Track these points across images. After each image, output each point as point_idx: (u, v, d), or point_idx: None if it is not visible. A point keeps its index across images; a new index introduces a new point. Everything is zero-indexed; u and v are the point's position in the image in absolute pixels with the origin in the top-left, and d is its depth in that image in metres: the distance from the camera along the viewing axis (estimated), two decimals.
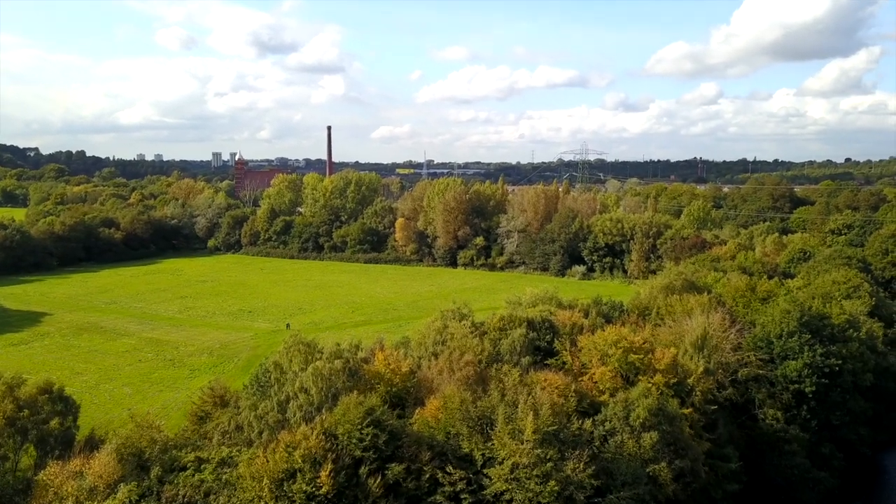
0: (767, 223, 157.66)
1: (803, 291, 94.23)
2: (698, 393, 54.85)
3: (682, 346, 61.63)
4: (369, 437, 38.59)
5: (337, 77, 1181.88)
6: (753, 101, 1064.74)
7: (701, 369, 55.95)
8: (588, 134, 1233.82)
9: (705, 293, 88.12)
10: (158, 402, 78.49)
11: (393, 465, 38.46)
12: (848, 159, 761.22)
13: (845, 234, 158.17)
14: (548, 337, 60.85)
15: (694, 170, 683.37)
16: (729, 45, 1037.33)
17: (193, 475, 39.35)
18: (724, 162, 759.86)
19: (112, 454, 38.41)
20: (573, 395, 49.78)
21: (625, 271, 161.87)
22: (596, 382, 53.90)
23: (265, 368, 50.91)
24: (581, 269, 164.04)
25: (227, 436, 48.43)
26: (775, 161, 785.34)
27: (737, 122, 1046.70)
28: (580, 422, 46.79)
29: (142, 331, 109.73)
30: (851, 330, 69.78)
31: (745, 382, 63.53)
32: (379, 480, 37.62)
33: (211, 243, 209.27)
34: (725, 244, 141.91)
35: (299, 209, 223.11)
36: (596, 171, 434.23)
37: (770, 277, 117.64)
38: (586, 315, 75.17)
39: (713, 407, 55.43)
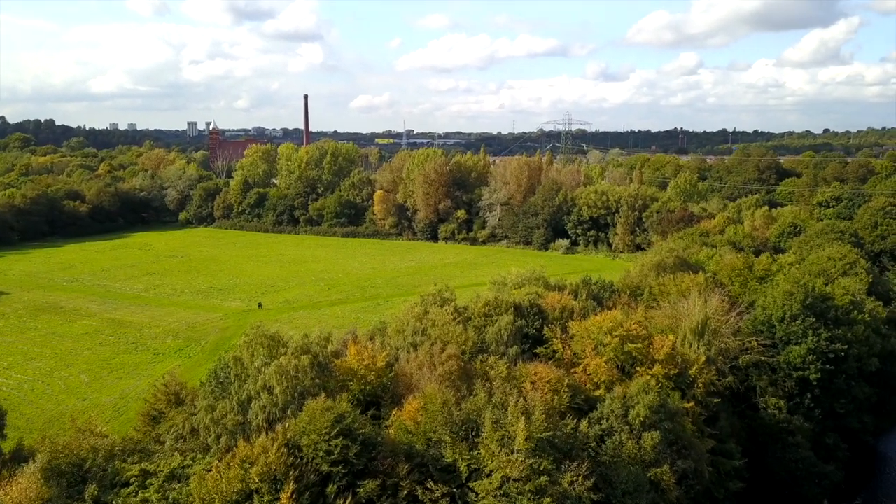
0: (756, 195, 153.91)
1: (798, 268, 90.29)
2: (700, 385, 50.57)
3: (680, 332, 57.29)
4: (338, 448, 33.67)
5: (315, 45, 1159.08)
6: (733, 72, 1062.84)
7: (703, 359, 51.62)
8: (569, 104, 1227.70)
9: (700, 272, 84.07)
10: (117, 390, 72.94)
11: (366, 481, 33.61)
12: (826, 130, 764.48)
13: (833, 206, 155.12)
14: (536, 323, 56.12)
15: (675, 140, 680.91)
16: (709, 14, 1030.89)
17: (136, 493, 34.22)
18: (705, 132, 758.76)
19: (37, 474, 33.04)
20: (566, 390, 45.24)
21: (609, 245, 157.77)
22: (590, 375, 49.34)
23: (224, 363, 45.61)
24: (565, 242, 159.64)
25: (182, 440, 43.30)
26: (755, 132, 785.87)
27: (716, 93, 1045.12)
28: (575, 421, 42.30)
29: (104, 311, 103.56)
30: (856, 312, 65.93)
31: (746, 369, 59.53)
32: (350, 500, 32.77)
33: (182, 216, 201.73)
34: (714, 218, 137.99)
35: (274, 181, 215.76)
36: (578, 142, 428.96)
37: (760, 252, 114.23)
38: (576, 296, 70.73)
39: (716, 400, 51.21)
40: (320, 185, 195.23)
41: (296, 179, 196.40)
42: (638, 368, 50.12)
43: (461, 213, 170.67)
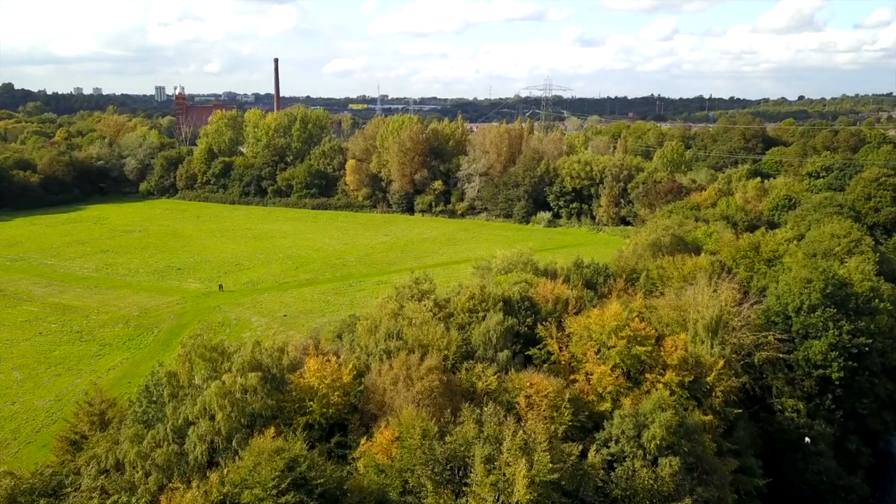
0: (746, 165, 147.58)
1: (800, 247, 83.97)
2: (719, 393, 43.93)
3: (689, 327, 50.52)
4: None
5: (288, 7, 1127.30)
6: (708, 38, 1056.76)
7: (721, 363, 44.88)
8: (545, 70, 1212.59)
9: (703, 253, 77.44)
10: (53, 390, 64.74)
11: None
12: (801, 97, 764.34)
13: (824, 176, 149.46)
14: (528, 320, 48.89)
15: (651, 107, 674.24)
16: None
17: None
18: (681, 99, 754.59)
19: None
20: (567, 406, 38.25)
21: (593, 217, 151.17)
22: (593, 384, 42.35)
23: (157, 379, 37.72)
24: (547, 215, 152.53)
25: (105, 475, 35.63)
26: (731, 98, 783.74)
27: (692, 59, 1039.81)
28: (580, 447, 35.40)
29: (48, 294, 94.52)
30: (877, 300, 59.74)
31: (760, 367, 53.07)
32: None
33: (143, 187, 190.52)
34: (704, 190, 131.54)
35: (241, 149, 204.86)
36: (556, 109, 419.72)
37: (755, 227, 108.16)
38: (567, 281, 63.72)
39: (736, 410, 44.62)
40: (289, 153, 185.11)
41: (263, 148, 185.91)
42: (647, 375, 43.24)
43: (438, 185, 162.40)
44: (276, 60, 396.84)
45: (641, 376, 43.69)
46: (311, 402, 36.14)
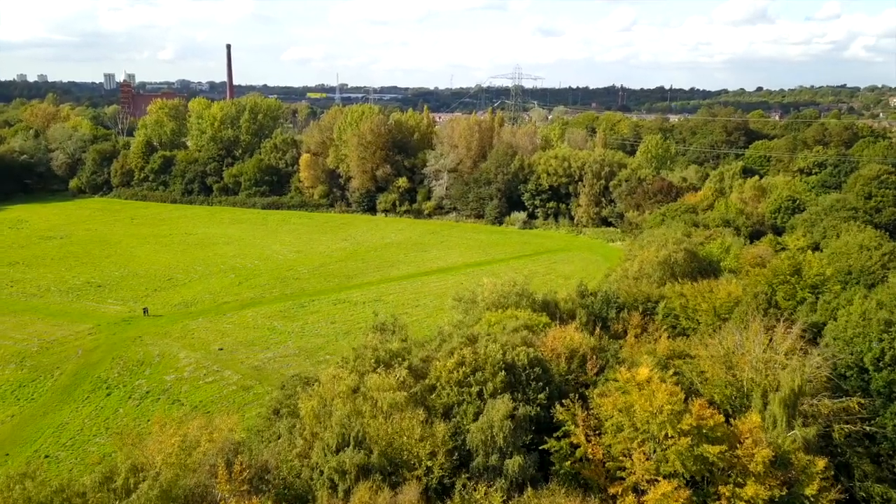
0: (740, 162, 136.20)
1: (824, 260, 71.90)
2: None
3: (755, 398, 37.40)
4: None
5: None
6: (666, 29, 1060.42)
7: (821, 464, 31.73)
8: (506, 59, 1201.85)
9: (726, 274, 64.88)
10: None
11: None
12: (759, 88, 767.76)
13: (816, 173, 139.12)
14: (541, 396, 35.09)
15: (614, 97, 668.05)
16: None
17: None
18: (642, 90, 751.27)
19: None
20: None
21: (571, 218, 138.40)
22: None
23: None
24: (521, 215, 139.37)
25: None
26: (692, 89, 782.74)
27: (650, 50, 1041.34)
28: None
29: None
30: None
31: (840, 443, 40.26)
32: None
33: (73, 184, 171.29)
34: (697, 190, 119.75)
35: (186, 141, 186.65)
36: (528, 98, 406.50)
37: (760, 234, 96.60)
38: (573, 317, 50.68)
39: None
40: (237, 147, 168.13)
41: (208, 141, 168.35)
42: (721, 489, 29.83)
43: (403, 182, 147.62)
44: (229, 47, 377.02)
45: (711, 487, 30.29)
46: None
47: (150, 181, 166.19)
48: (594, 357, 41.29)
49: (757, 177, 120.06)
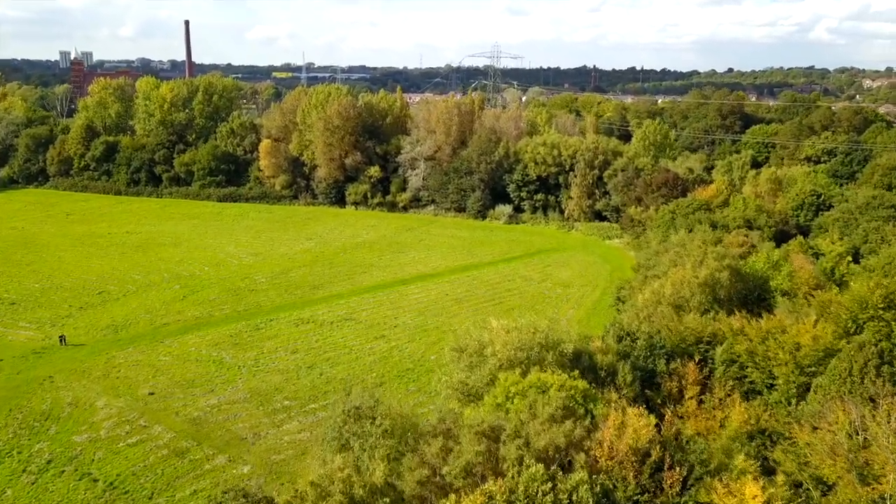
0: (751, 151, 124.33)
1: (879, 273, 59.72)
2: None
3: None
4: None
5: None
6: (634, 10, 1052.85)
7: None
8: (475, 39, 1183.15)
9: (784, 301, 52.29)
10: None
11: None
12: (731, 69, 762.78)
13: (825, 161, 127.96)
14: None
15: (586, 78, 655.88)
16: None
17: None
18: (614, 70, 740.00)
19: None
20: None
21: (561, 212, 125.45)
22: None
23: None
24: (507, 209, 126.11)
25: None
26: (663, 70, 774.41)
27: (618, 31, 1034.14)
28: None
29: None
30: None
31: None
32: None
33: (5, 173, 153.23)
34: (704, 182, 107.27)
35: (134, 126, 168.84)
36: (508, 79, 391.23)
37: (788, 236, 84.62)
38: (614, 376, 37.74)
39: None
40: (190, 132, 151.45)
41: (157, 125, 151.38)
42: None
43: (375, 171, 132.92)
44: (187, 23, 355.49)
45: None
46: None
47: (91, 170, 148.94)
48: (670, 460, 28.11)
49: (773, 168, 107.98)
